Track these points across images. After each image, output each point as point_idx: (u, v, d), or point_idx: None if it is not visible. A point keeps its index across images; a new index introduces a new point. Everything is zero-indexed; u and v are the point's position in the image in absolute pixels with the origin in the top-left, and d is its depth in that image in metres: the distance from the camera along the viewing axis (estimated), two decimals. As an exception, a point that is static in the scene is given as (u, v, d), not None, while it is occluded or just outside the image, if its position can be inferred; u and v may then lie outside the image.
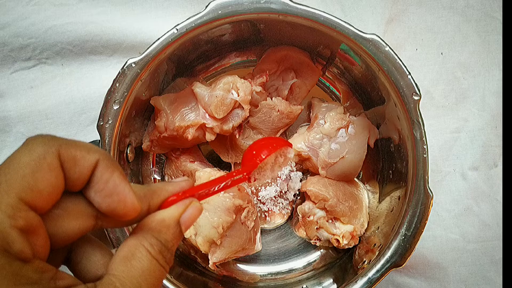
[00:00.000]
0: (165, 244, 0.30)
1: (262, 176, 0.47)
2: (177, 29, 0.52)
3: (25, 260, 0.24)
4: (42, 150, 0.26)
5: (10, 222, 0.24)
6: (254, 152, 0.48)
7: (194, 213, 0.32)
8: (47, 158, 0.26)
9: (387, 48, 0.51)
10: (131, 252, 0.29)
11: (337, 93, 0.66)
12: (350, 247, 0.59)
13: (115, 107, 0.52)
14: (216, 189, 0.37)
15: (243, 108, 0.58)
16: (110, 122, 0.52)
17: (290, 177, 0.63)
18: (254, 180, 0.47)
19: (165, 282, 0.52)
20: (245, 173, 0.43)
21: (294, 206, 0.65)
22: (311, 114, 0.63)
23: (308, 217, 0.60)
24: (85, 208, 0.28)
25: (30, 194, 0.25)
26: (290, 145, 0.50)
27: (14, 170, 0.25)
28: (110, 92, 0.52)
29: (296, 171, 0.63)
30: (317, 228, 0.60)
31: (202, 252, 0.57)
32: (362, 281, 0.50)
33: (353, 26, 0.51)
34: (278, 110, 0.60)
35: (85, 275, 0.30)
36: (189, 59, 0.61)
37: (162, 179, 0.65)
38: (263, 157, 0.47)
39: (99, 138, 0.52)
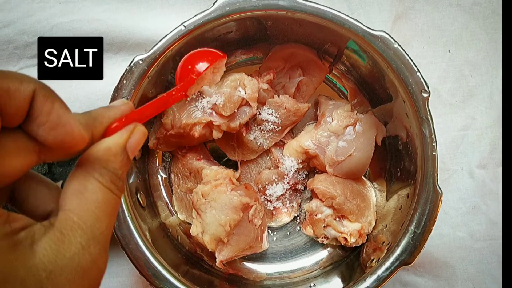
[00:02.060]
0: (114, 173, 0.29)
1: (199, 88, 0.46)
2: (184, 26, 0.51)
3: None
4: None
5: None
6: (189, 67, 0.46)
7: (140, 137, 0.31)
8: None
9: (396, 45, 0.51)
10: (83, 184, 0.28)
11: (344, 90, 0.65)
12: (358, 245, 0.59)
13: (122, 104, 0.51)
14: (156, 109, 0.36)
15: (250, 105, 0.57)
16: (117, 119, 0.51)
17: (297, 175, 0.63)
18: (193, 93, 0.46)
19: (171, 279, 0.51)
20: (183, 92, 0.42)
21: (301, 204, 0.65)
22: (318, 111, 0.63)
23: (316, 215, 0.60)
24: (25, 143, 0.26)
25: None
26: (224, 56, 0.48)
27: None
28: (118, 89, 0.52)
29: (303, 169, 0.63)
30: (324, 226, 0.59)
31: (209, 250, 0.56)
32: (371, 279, 0.50)
33: (361, 23, 0.51)
34: (285, 108, 0.60)
35: (33, 212, 0.29)
36: (195, 56, 0.61)
37: (169, 177, 0.65)
38: (201, 71, 0.46)
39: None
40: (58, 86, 0.64)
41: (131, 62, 0.52)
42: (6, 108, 0.24)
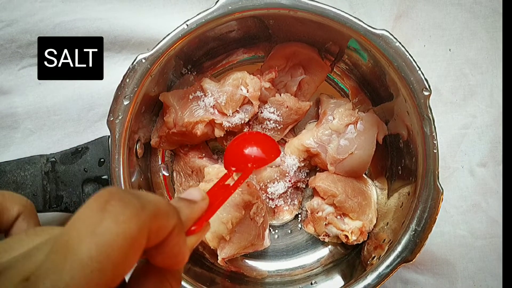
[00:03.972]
0: (180, 272, 0.30)
1: None
2: (187, 25, 0.52)
3: None
4: (135, 230, 0.22)
5: None
6: (250, 156, 0.47)
7: (205, 235, 0.33)
8: (139, 239, 0.23)
9: (397, 44, 0.51)
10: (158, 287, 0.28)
11: (346, 89, 0.66)
12: (359, 243, 0.59)
13: (125, 103, 0.52)
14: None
15: (252, 104, 0.58)
16: (120, 117, 0.52)
17: (299, 173, 0.63)
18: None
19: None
20: (243, 181, 0.44)
21: (302, 202, 0.65)
22: (319, 110, 0.63)
23: (317, 213, 0.60)
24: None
25: (117, 281, 0.22)
26: (279, 153, 0.49)
27: (106, 255, 0.21)
28: (121, 88, 0.52)
29: (304, 167, 0.63)
30: (325, 224, 0.60)
31: (211, 247, 0.57)
32: (372, 276, 0.50)
33: (363, 22, 0.51)
34: (287, 106, 0.60)
35: None
36: (197, 55, 0.61)
37: (171, 175, 0.65)
38: (264, 164, 0.46)
39: (109, 134, 0.52)
40: (61, 84, 0.66)
41: (134, 60, 0.52)
42: (149, 243, 0.24)
